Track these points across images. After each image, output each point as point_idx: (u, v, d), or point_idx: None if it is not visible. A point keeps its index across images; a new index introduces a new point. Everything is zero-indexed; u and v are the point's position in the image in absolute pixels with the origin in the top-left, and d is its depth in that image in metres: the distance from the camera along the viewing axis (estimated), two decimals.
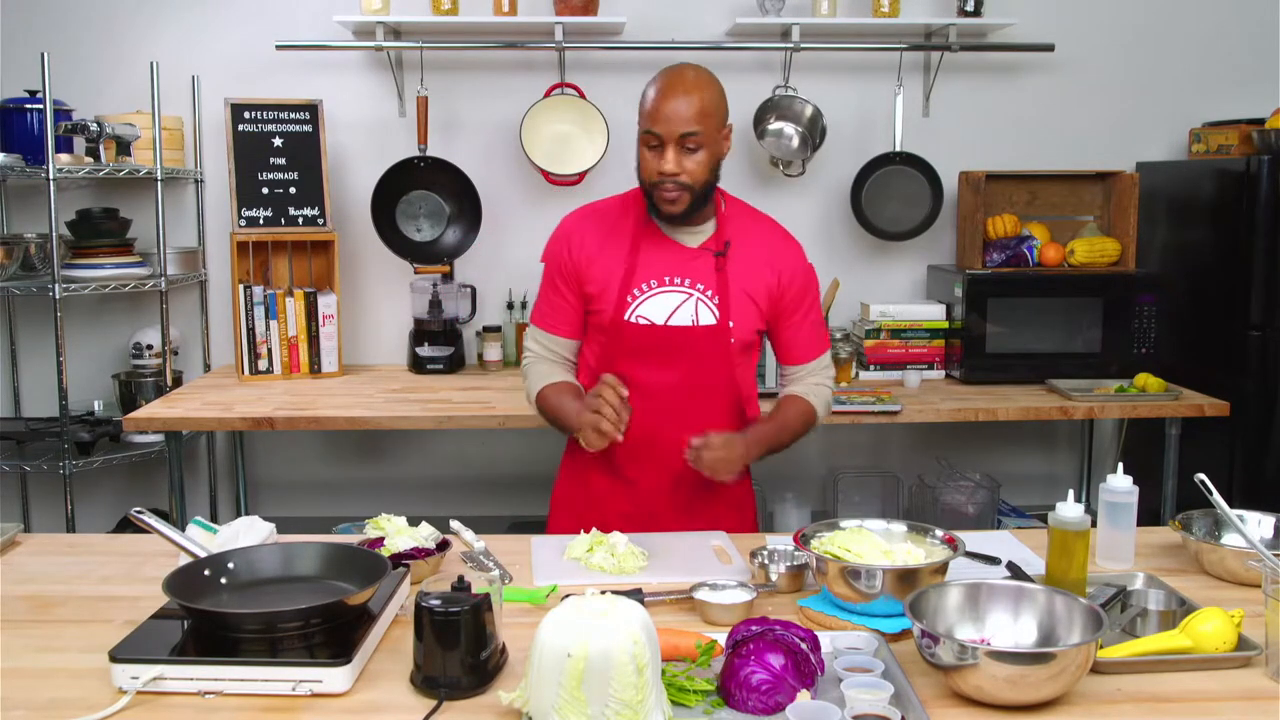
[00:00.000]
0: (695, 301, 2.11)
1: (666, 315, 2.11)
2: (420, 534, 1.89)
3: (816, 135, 3.72)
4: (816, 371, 2.24)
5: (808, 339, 2.22)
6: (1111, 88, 3.90)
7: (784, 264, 2.18)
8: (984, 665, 1.34)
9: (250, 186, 3.56)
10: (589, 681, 1.26)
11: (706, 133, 2.02)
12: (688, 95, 2.01)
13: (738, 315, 2.13)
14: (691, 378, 2.14)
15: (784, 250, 2.19)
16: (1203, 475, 1.67)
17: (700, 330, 2.11)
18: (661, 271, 2.13)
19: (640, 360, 2.13)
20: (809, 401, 2.22)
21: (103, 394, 3.73)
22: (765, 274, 2.16)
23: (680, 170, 2.01)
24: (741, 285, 2.14)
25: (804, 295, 2.20)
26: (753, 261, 2.16)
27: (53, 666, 1.51)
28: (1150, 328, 3.51)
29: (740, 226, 2.18)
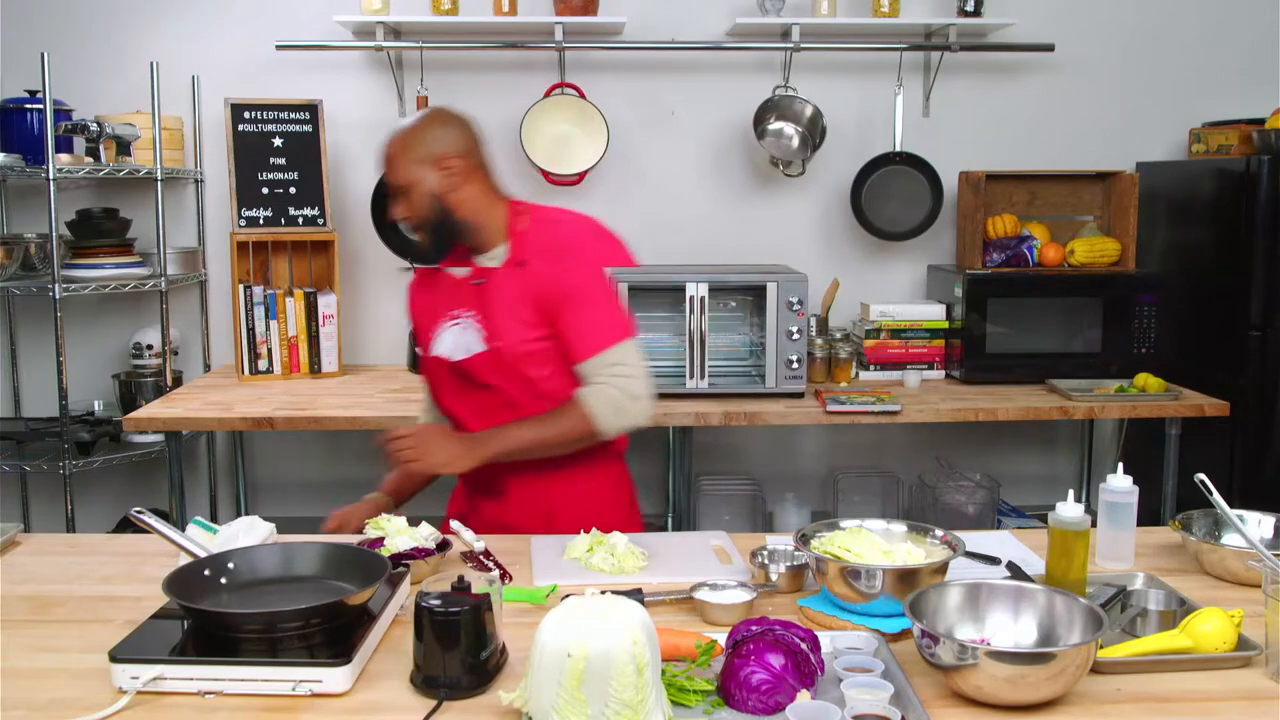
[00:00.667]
0: (467, 330, 2.18)
1: (451, 348, 2.20)
2: (420, 534, 1.89)
3: (816, 135, 3.72)
4: (599, 370, 2.12)
5: (579, 338, 2.13)
6: (1111, 88, 3.90)
7: (544, 271, 2.13)
8: (984, 665, 1.34)
9: (250, 186, 3.56)
10: (589, 681, 1.26)
11: (406, 179, 2.12)
12: (388, 149, 2.15)
13: (505, 334, 2.13)
14: (487, 401, 2.18)
15: (549, 257, 2.15)
16: (1203, 475, 1.67)
17: (478, 359, 2.17)
18: (447, 307, 2.22)
19: (443, 393, 2.27)
20: (582, 404, 2.11)
21: (103, 394, 3.74)
22: (527, 285, 2.13)
23: (403, 215, 2.17)
24: (505, 304, 2.14)
25: (570, 296, 2.13)
26: (518, 279, 2.14)
27: (53, 666, 1.51)
28: (1150, 328, 3.51)
29: (537, 240, 2.17)
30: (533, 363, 2.15)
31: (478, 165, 2.19)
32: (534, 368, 2.15)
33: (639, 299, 3.35)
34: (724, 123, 3.83)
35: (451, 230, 2.16)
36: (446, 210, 2.14)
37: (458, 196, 2.14)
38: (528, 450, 2.13)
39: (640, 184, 3.85)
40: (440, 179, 2.13)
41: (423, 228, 2.16)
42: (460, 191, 2.14)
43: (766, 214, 3.89)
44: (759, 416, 3.17)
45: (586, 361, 2.13)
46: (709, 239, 3.85)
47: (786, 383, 3.30)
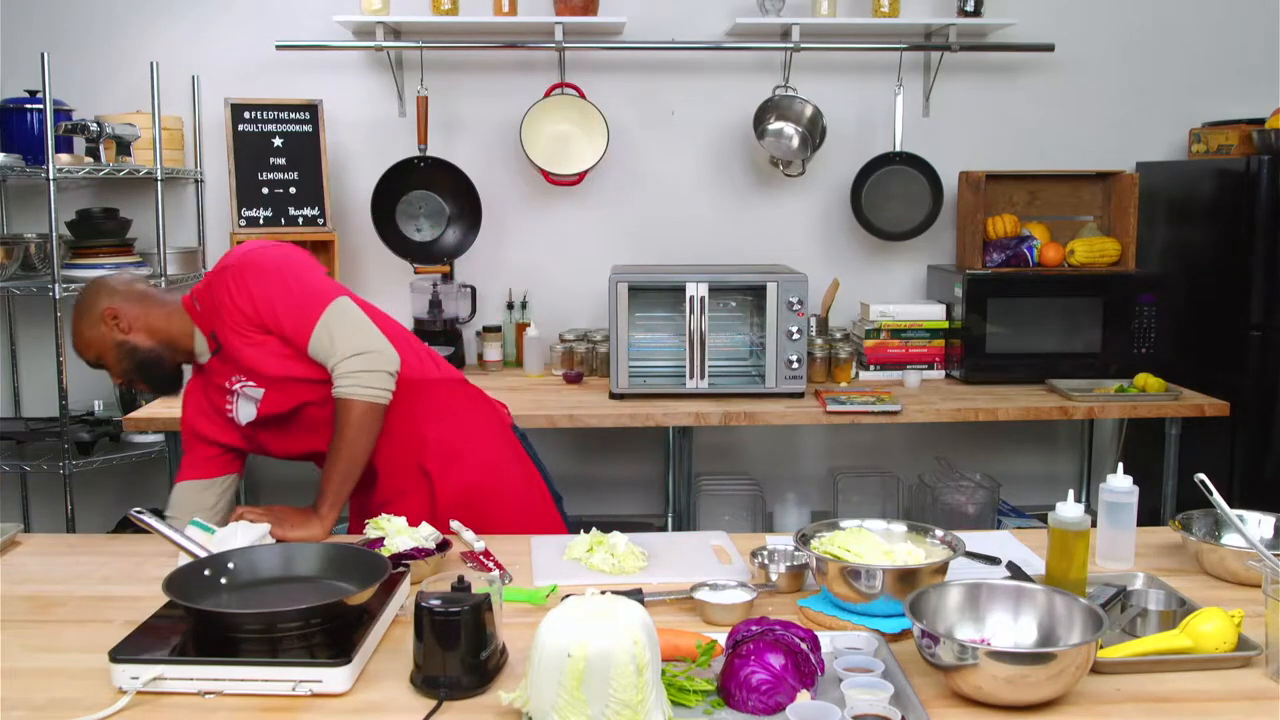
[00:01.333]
0: (240, 392, 2.17)
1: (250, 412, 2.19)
2: (420, 534, 1.89)
3: (816, 135, 3.72)
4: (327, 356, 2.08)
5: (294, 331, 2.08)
6: (1111, 88, 3.90)
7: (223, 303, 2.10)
8: (984, 665, 1.34)
9: (250, 186, 3.56)
10: (589, 681, 1.26)
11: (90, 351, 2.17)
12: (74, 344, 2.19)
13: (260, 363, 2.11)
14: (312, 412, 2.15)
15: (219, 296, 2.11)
16: (1203, 475, 1.66)
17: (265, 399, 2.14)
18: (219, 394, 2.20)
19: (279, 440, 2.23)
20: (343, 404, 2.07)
21: (103, 394, 3.73)
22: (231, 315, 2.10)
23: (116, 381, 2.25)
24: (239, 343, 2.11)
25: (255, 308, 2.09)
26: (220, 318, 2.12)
27: (53, 666, 1.51)
28: (1150, 328, 3.51)
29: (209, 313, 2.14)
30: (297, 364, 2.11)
31: (138, 299, 2.17)
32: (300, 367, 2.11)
33: (639, 299, 3.35)
34: (724, 123, 3.83)
35: (154, 364, 2.19)
36: (136, 350, 2.16)
37: (137, 335, 2.15)
38: (347, 477, 2.09)
39: (640, 184, 3.85)
40: (113, 330, 2.14)
41: (135, 377, 2.19)
42: (136, 330, 2.15)
43: (766, 214, 3.89)
44: (759, 416, 3.17)
45: (310, 345, 2.08)
46: (709, 239, 3.85)
47: (786, 383, 3.30)
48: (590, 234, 3.84)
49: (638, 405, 3.22)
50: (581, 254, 3.84)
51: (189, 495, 2.27)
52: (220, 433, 2.25)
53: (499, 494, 2.27)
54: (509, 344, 3.79)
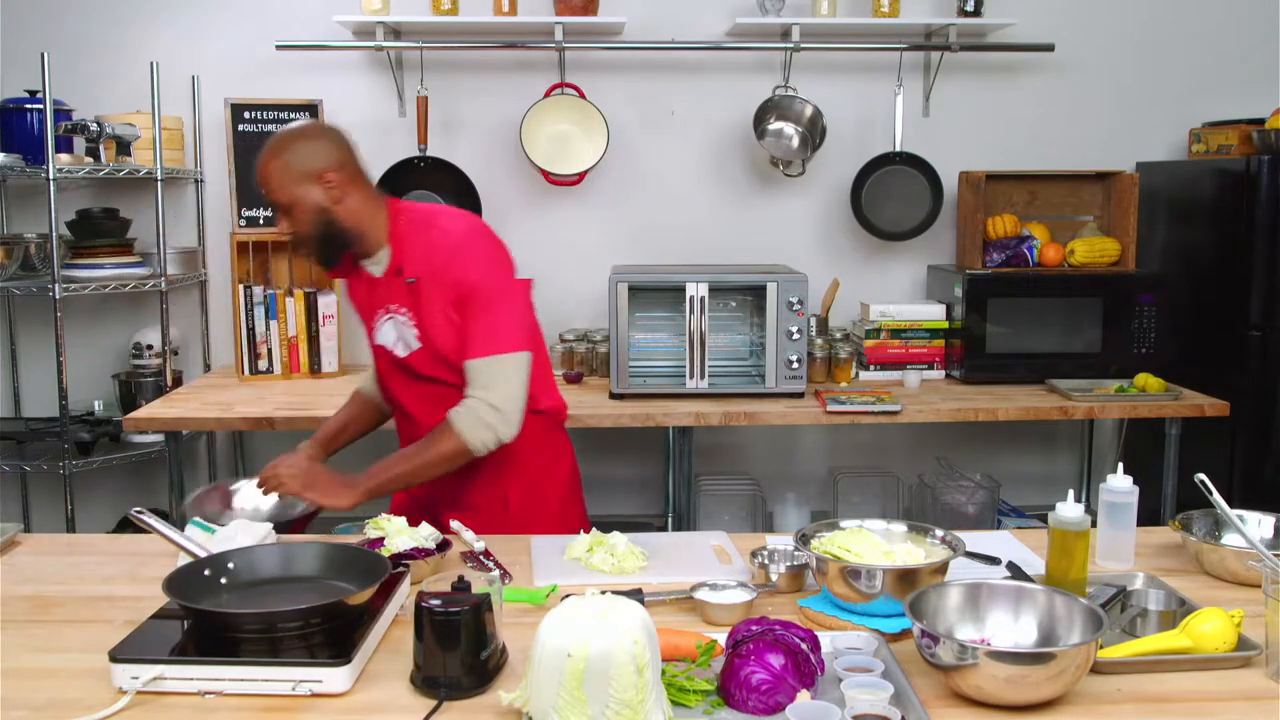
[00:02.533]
0: (399, 325, 2.21)
1: (392, 341, 2.24)
2: (420, 534, 1.89)
3: (816, 135, 3.72)
4: (472, 380, 2.12)
5: (470, 337, 2.13)
6: (1111, 88, 3.90)
7: (451, 269, 2.14)
8: (984, 665, 1.34)
9: (250, 186, 3.56)
10: (589, 681, 1.26)
11: (285, 197, 2.13)
12: (260, 174, 2.15)
13: (435, 332, 2.15)
14: (440, 389, 2.19)
15: (454, 256, 2.15)
16: (1203, 475, 1.67)
17: (415, 355, 2.20)
18: (381, 302, 2.24)
19: (395, 382, 2.29)
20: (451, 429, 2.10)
21: (103, 394, 3.73)
22: (444, 284, 2.14)
23: (288, 229, 2.18)
24: (429, 302, 2.15)
25: (475, 296, 2.13)
26: (430, 275, 2.15)
27: (53, 666, 1.51)
28: (1150, 328, 3.51)
29: (414, 243, 2.17)
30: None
31: (355, 174, 2.18)
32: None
33: (639, 299, 3.35)
34: (724, 123, 3.83)
35: (339, 241, 2.18)
36: (332, 223, 2.15)
37: (342, 208, 2.15)
38: (405, 480, 2.15)
39: (640, 184, 3.85)
40: (323, 194, 2.13)
41: (307, 242, 2.17)
42: (343, 204, 2.15)
43: (766, 214, 3.89)
44: (759, 416, 3.17)
45: (470, 363, 2.12)
46: (709, 239, 3.85)
47: (786, 383, 3.30)
48: (590, 234, 3.84)
49: (638, 405, 3.22)
50: (581, 254, 3.84)
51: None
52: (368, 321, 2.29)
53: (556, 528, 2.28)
54: None
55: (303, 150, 2.13)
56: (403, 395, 2.28)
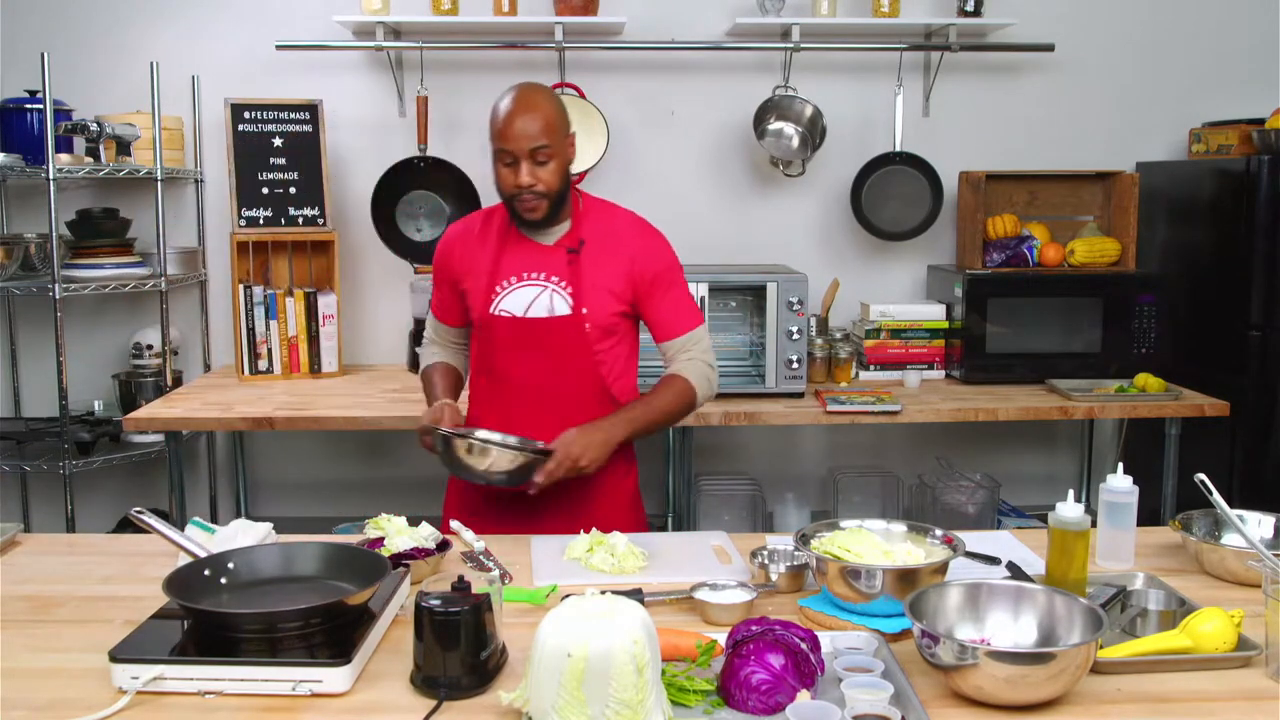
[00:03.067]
0: (550, 293, 2.22)
1: (525, 308, 2.22)
2: (420, 534, 1.89)
3: (816, 135, 3.72)
4: (688, 347, 2.30)
5: (670, 316, 2.29)
6: (1111, 88, 3.90)
7: (639, 250, 2.26)
8: (984, 665, 1.34)
9: (250, 186, 3.56)
10: (589, 681, 1.26)
11: (554, 145, 2.15)
12: (533, 112, 2.13)
13: (591, 302, 2.21)
14: (554, 364, 2.23)
15: (639, 238, 2.29)
16: (1203, 475, 1.67)
17: (556, 320, 2.21)
18: (520, 268, 2.24)
19: (507, 351, 2.26)
20: (683, 377, 2.28)
21: (103, 394, 3.74)
22: (620, 261, 2.24)
23: (535, 181, 2.13)
24: (596, 274, 2.22)
25: (661, 276, 2.27)
26: (607, 251, 2.24)
27: (53, 666, 1.52)
28: (1150, 328, 3.51)
29: (595, 221, 2.28)
30: (608, 337, 2.24)
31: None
32: (604, 341, 2.24)
33: None
34: (724, 123, 3.83)
35: (563, 204, 2.22)
36: (568, 184, 2.22)
37: (569, 172, 2.22)
38: (648, 429, 2.26)
39: (640, 184, 3.85)
40: (570, 154, 2.23)
41: (548, 197, 2.16)
42: (570, 168, 2.23)
43: (766, 214, 3.89)
44: (759, 416, 3.17)
45: (678, 338, 2.29)
46: (709, 239, 3.85)
47: (786, 383, 3.29)
48: None
49: None
50: None
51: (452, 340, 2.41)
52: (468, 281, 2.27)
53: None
54: None
55: (562, 108, 2.19)
56: (510, 364, 2.25)
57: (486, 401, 2.30)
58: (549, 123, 2.13)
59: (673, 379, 2.27)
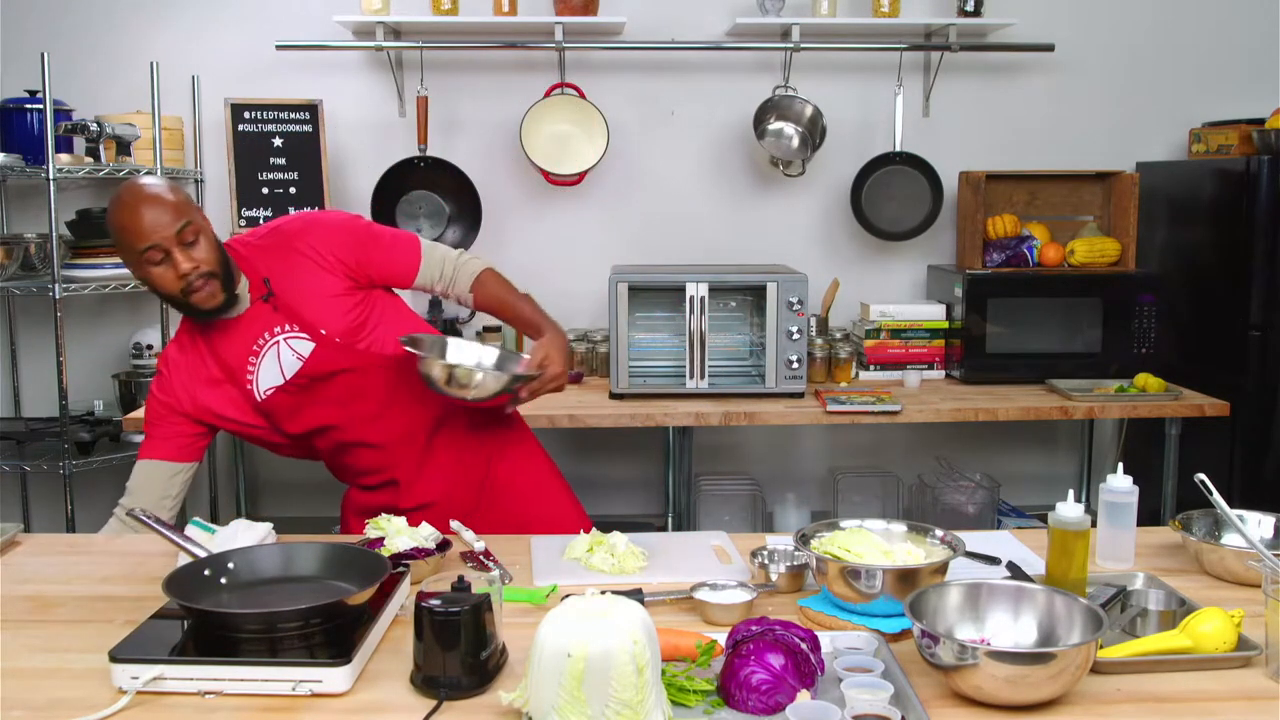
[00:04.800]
0: (283, 343, 2.09)
1: (278, 370, 2.09)
2: (420, 534, 1.89)
3: (816, 135, 3.72)
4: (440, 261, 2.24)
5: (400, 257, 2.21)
6: (1111, 88, 3.90)
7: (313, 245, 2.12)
8: (984, 665, 1.34)
9: (250, 186, 3.56)
10: (589, 681, 1.26)
11: (194, 218, 1.97)
12: (159, 202, 1.95)
13: (322, 321, 2.10)
14: (345, 387, 2.13)
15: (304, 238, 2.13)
16: (1203, 475, 1.66)
17: (314, 357, 2.09)
18: (245, 349, 2.09)
19: (301, 413, 2.14)
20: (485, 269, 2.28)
21: (103, 394, 3.73)
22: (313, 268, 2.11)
23: (197, 262, 1.96)
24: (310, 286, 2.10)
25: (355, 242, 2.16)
26: (298, 270, 2.11)
27: (53, 666, 1.51)
28: (1150, 328, 3.51)
29: (259, 257, 2.12)
30: (361, 331, 2.13)
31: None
32: (362, 336, 2.13)
33: (639, 299, 3.35)
34: (724, 123, 3.83)
35: (232, 275, 2.05)
36: (224, 253, 2.04)
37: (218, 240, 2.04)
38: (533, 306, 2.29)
39: (640, 184, 3.85)
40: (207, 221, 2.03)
41: (217, 276, 1.99)
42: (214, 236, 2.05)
43: (766, 214, 3.89)
44: (759, 416, 3.17)
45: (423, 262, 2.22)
46: (709, 239, 3.85)
47: (786, 383, 3.30)
48: (590, 234, 3.84)
49: (638, 405, 3.22)
50: (581, 254, 3.84)
51: (159, 478, 2.12)
52: (223, 403, 2.11)
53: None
54: (509, 344, 3.78)
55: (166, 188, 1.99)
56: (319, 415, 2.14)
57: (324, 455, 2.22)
58: (179, 202, 1.96)
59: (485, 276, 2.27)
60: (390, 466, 2.23)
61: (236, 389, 2.11)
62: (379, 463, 2.22)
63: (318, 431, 2.17)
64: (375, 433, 2.19)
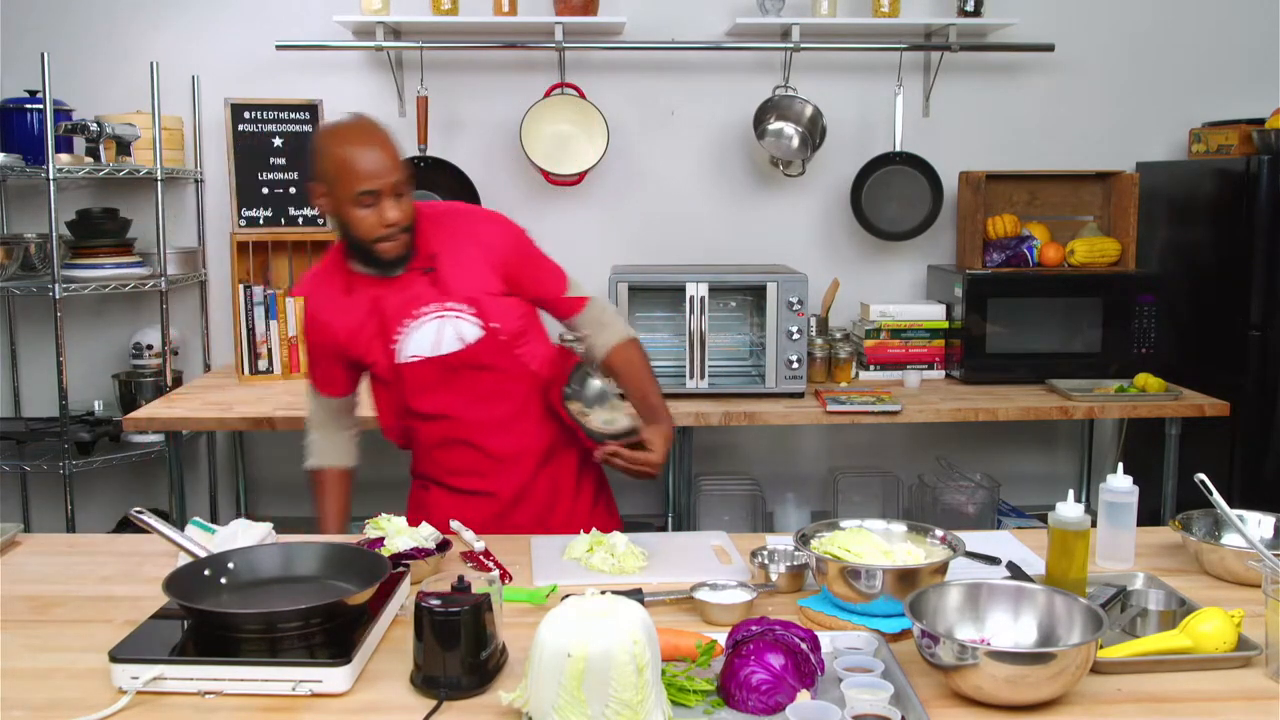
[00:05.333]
0: (450, 320, 2.13)
1: (433, 344, 2.13)
2: (420, 534, 1.89)
3: (816, 135, 3.72)
4: (592, 307, 2.31)
5: (556, 286, 2.29)
6: (1111, 88, 3.90)
7: (489, 240, 2.18)
8: (984, 665, 1.34)
9: (250, 186, 3.56)
10: (589, 681, 1.26)
11: (405, 176, 2.05)
12: (384, 147, 2.02)
13: (494, 312, 2.15)
14: (487, 387, 2.18)
15: (482, 228, 2.20)
16: (1203, 475, 1.67)
17: (475, 346, 2.14)
18: (404, 309, 2.13)
19: (433, 392, 2.17)
20: (628, 336, 2.32)
21: (103, 394, 3.73)
22: (481, 260, 2.16)
23: (401, 216, 2.03)
24: (475, 283, 2.15)
25: (521, 251, 2.23)
26: (466, 256, 2.15)
27: (53, 666, 1.51)
28: (1150, 328, 3.51)
29: (435, 233, 2.15)
30: (522, 339, 2.19)
31: None
32: (523, 343, 2.19)
33: (639, 299, 3.35)
34: (724, 123, 3.83)
35: (413, 234, 2.10)
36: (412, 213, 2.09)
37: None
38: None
39: (640, 184, 3.85)
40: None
41: (410, 230, 2.08)
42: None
43: (766, 214, 3.89)
44: (759, 416, 3.17)
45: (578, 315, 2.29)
46: (709, 239, 3.85)
47: (786, 383, 3.30)
48: (590, 234, 3.84)
49: None
50: (581, 254, 3.81)
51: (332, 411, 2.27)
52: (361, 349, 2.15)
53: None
54: None
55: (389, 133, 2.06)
56: (446, 403, 2.17)
57: (439, 437, 2.22)
58: (398, 151, 2.04)
59: (625, 346, 2.29)
60: (492, 475, 2.22)
61: (380, 342, 2.14)
62: (482, 468, 2.22)
63: (437, 417, 2.19)
64: (493, 439, 2.20)
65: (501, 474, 2.23)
